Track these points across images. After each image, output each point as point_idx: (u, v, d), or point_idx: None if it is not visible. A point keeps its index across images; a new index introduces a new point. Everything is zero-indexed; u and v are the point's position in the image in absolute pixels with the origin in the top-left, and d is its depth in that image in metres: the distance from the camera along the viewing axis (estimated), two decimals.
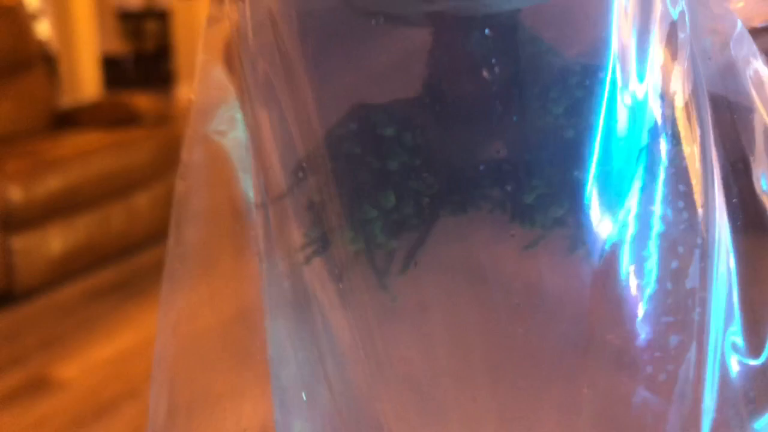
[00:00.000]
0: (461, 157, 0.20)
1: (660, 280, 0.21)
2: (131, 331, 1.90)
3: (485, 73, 0.19)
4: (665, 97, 0.21)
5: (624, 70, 0.20)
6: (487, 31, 0.19)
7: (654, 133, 0.20)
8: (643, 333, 0.20)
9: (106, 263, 2.33)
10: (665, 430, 0.21)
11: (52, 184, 2.15)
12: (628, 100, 0.20)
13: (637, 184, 0.20)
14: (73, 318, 2.00)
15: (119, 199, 2.36)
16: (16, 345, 1.85)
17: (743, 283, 0.22)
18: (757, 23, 0.23)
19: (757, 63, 0.22)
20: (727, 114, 0.22)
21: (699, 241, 0.21)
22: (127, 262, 2.37)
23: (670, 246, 0.21)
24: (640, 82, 0.20)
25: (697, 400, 0.21)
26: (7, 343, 1.86)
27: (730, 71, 0.22)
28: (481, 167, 0.20)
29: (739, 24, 0.22)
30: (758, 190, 0.22)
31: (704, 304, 0.21)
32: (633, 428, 0.21)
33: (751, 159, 0.22)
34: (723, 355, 0.22)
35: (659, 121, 0.20)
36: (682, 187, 0.21)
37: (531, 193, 0.20)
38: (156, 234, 2.52)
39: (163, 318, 0.27)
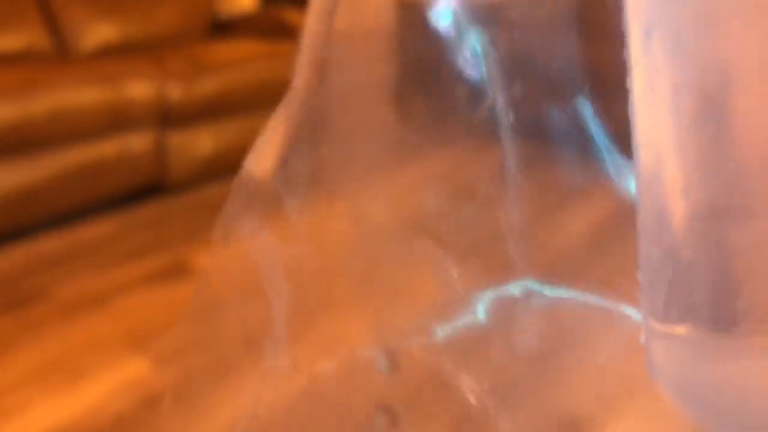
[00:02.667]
0: None
1: None
2: (269, 232, 1.99)
3: None
4: None
5: None
6: None
7: None
8: None
9: None
10: None
11: (208, 86, 2.24)
12: None
13: None
14: (216, 215, 2.11)
15: (268, 110, 2.42)
16: (162, 233, 1.98)
17: None
18: None
19: None
20: None
21: None
22: None
23: None
24: None
25: None
26: (155, 229, 1.99)
27: None
28: None
29: None
30: None
31: None
32: None
33: None
34: None
35: None
36: None
37: None
38: None
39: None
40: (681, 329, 0.19)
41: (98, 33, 2.45)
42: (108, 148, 2.02)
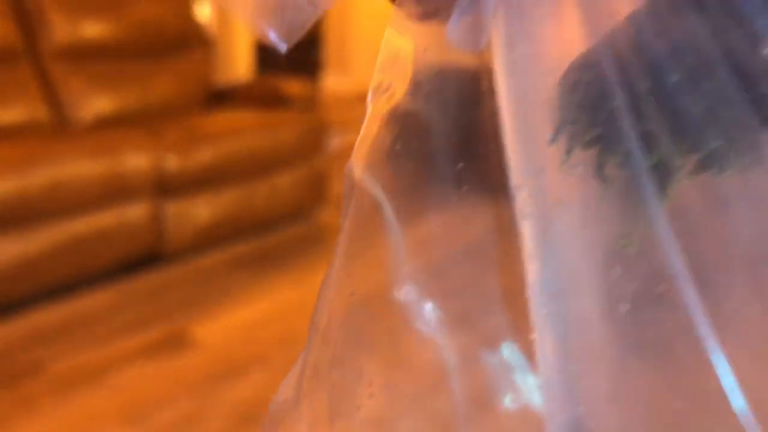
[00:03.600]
0: None
1: None
2: (266, 301, 1.98)
3: None
4: None
5: None
6: None
7: None
8: None
9: (247, 236, 2.44)
10: None
11: (204, 155, 2.26)
12: None
13: None
14: (214, 283, 2.11)
15: (264, 177, 2.46)
16: (160, 303, 1.97)
17: None
18: None
19: None
20: None
21: None
22: (266, 237, 2.48)
23: None
24: None
25: None
26: (153, 300, 1.98)
27: None
28: None
29: None
30: None
31: None
32: None
33: None
34: None
35: None
36: None
37: None
38: (295, 213, 2.61)
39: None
40: None
41: (96, 105, 2.48)
42: (106, 219, 2.03)
